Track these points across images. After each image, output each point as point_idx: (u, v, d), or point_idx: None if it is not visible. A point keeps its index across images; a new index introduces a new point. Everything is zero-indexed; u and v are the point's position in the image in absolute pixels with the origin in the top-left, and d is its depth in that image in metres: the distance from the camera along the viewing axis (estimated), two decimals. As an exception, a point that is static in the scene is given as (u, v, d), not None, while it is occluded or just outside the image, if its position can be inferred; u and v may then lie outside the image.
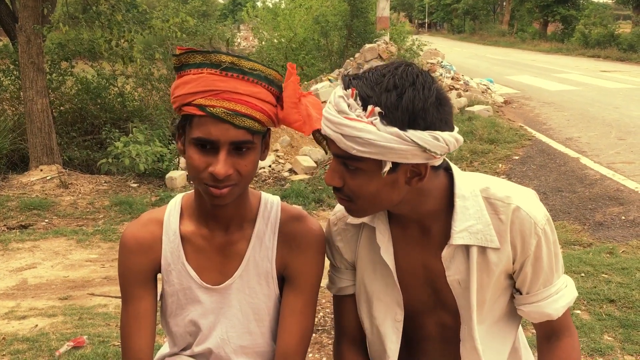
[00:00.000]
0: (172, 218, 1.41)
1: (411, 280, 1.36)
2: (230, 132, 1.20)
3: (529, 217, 1.25)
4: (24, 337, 3.32)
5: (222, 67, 1.20)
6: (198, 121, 1.21)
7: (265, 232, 1.41)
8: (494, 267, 1.28)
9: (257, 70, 1.23)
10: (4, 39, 10.15)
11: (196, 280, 1.40)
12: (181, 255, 1.39)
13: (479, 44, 39.38)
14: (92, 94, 9.98)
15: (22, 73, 7.54)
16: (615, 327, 3.22)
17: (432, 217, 1.29)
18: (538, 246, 1.26)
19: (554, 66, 21.29)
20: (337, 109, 1.14)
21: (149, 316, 1.40)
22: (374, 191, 1.19)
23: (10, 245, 5.13)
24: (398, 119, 1.11)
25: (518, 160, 7.64)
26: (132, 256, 1.39)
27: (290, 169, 7.44)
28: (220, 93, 1.20)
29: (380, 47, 11.97)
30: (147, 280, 1.40)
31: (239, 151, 1.23)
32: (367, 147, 1.11)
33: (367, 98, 1.12)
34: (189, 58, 1.22)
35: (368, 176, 1.17)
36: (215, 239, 1.39)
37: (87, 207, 6.26)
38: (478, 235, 1.26)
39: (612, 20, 31.35)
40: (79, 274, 4.55)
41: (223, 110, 1.19)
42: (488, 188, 1.29)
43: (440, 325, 1.40)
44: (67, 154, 8.51)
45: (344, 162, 1.19)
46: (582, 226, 5.21)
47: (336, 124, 1.13)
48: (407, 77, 1.13)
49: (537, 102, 12.54)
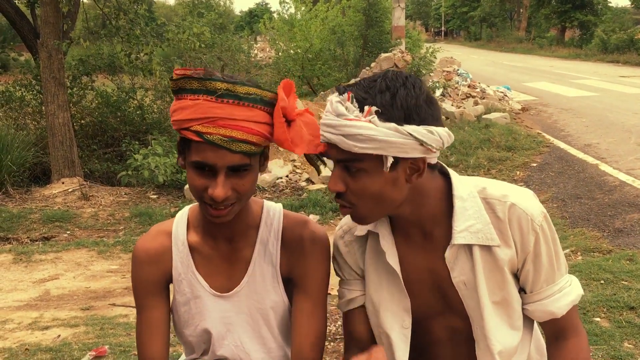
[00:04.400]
0: (180, 229, 1.46)
1: (417, 285, 1.38)
2: (227, 158, 1.23)
3: (525, 214, 1.28)
4: (47, 347, 3.37)
5: (218, 94, 1.22)
6: (196, 146, 1.25)
7: (268, 238, 1.45)
8: (503, 263, 1.30)
9: (252, 94, 1.24)
10: (26, 54, 10.36)
11: (206, 289, 1.44)
12: (191, 264, 1.44)
13: (496, 51, 39.20)
14: (112, 107, 10.12)
15: (43, 88, 7.69)
16: (635, 334, 3.18)
17: (433, 220, 1.32)
18: (537, 242, 1.29)
19: (572, 72, 21.12)
20: (335, 113, 1.19)
21: (162, 324, 1.44)
22: (377, 191, 1.22)
23: (33, 257, 5.22)
24: (394, 116, 1.17)
25: (536, 168, 7.59)
26: (143, 267, 1.44)
27: (307, 178, 7.47)
28: (217, 120, 1.22)
29: (396, 56, 11.98)
30: (159, 290, 1.45)
31: (237, 173, 1.27)
32: (369, 143, 1.16)
33: (363, 100, 1.18)
34: (186, 83, 1.24)
35: (370, 176, 1.21)
36: (221, 247, 1.44)
37: (107, 219, 6.35)
38: (479, 234, 1.29)
39: (631, 24, 31.04)
40: (100, 284, 4.62)
41: (219, 137, 1.22)
42: (485, 188, 1.32)
43: (450, 329, 1.41)
44: (88, 167, 8.64)
45: (345, 166, 1.23)
46: (601, 233, 5.16)
47: (336, 126, 1.18)
48: (397, 79, 1.20)
49: (555, 109, 12.45)
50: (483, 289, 1.31)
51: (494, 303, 1.32)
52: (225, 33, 15.89)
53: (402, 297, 1.39)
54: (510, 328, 1.35)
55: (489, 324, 1.32)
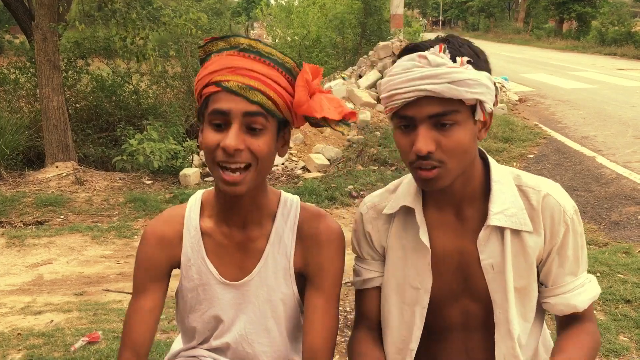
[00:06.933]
0: (193, 214, 1.43)
1: (443, 266, 1.38)
2: (243, 104, 1.22)
3: (559, 205, 1.31)
4: (40, 332, 3.35)
5: (240, 48, 1.25)
6: (213, 97, 1.24)
7: (284, 229, 1.41)
8: (531, 250, 1.31)
9: (274, 55, 1.26)
10: (21, 36, 10.26)
11: (215, 276, 1.41)
12: (201, 250, 1.41)
13: (493, 41, 39.05)
14: (107, 92, 10.03)
15: (38, 70, 7.61)
16: (631, 327, 3.18)
17: (470, 200, 1.34)
18: (566, 234, 1.31)
19: (569, 64, 21.09)
20: (434, 63, 1.20)
21: (155, 311, 1.41)
22: (468, 144, 1.24)
23: (26, 241, 5.19)
24: (482, 66, 1.24)
25: (533, 159, 7.59)
26: (151, 250, 1.41)
27: (303, 166, 7.44)
28: (236, 69, 1.23)
29: (394, 44, 11.90)
30: (162, 276, 1.42)
31: (252, 131, 1.24)
32: (478, 87, 1.20)
33: (453, 52, 1.22)
34: (212, 46, 1.28)
35: (464, 128, 1.23)
36: (234, 235, 1.40)
37: (102, 204, 6.31)
38: (513, 218, 1.30)
39: (629, 17, 30.97)
40: (93, 270, 4.59)
41: (237, 84, 1.22)
42: (519, 176, 1.36)
43: (465, 314, 1.41)
44: (82, 151, 8.57)
45: (436, 123, 1.22)
46: (597, 226, 5.17)
47: (439, 75, 1.18)
48: (461, 39, 1.28)
49: (553, 101, 12.44)
50: (510, 273, 1.32)
51: (516, 289, 1.33)
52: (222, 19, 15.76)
53: (426, 276, 1.38)
54: (522, 318, 1.36)
55: (512, 308, 1.33)
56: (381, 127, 8.23)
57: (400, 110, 1.24)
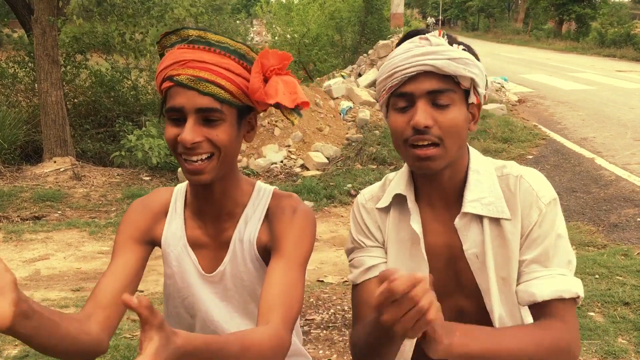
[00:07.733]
0: (179, 202, 1.45)
1: (435, 259, 1.38)
2: (196, 99, 1.22)
3: (532, 189, 1.31)
4: (36, 328, 3.33)
5: (189, 41, 1.26)
6: (169, 94, 1.26)
7: (252, 216, 1.40)
8: (511, 237, 1.30)
9: (224, 43, 1.27)
10: (20, 30, 10.21)
11: (195, 266, 1.41)
12: (183, 236, 1.41)
13: (493, 42, 39.10)
14: (105, 87, 10.01)
15: (37, 65, 7.58)
16: (629, 329, 3.18)
17: (456, 193, 1.35)
18: (538, 221, 1.29)
19: (569, 65, 21.10)
20: (435, 43, 1.26)
21: (126, 268, 1.35)
22: (462, 125, 1.28)
23: (23, 236, 5.17)
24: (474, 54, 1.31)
25: (532, 160, 7.59)
26: (135, 215, 1.44)
27: (302, 164, 7.43)
28: (186, 62, 1.24)
29: (394, 43, 11.91)
30: (140, 240, 1.41)
31: (208, 122, 1.25)
32: (473, 68, 1.26)
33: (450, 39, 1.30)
34: (166, 41, 1.30)
35: (458, 109, 1.27)
36: (208, 226, 1.41)
37: (99, 200, 6.29)
38: (490, 207, 1.32)
39: (628, 19, 31.02)
40: (91, 265, 4.58)
41: (187, 77, 1.22)
42: (504, 166, 1.38)
43: (458, 311, 1.39)
44: (80, 146, 8.55)
45: (434, 100, 1.25)
46: (596, 227, 5.16)
47: (440, 52, 1.25)
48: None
49: (552, 102, 12.44)
50: (490, 261, 1.32)
51: (500, 279, 1.33)
52: (221, 15, 15.72)
53: (422, 263, 1.38)
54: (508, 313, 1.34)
55: (494, 296, 1.33)
56: (380, 126, 8.22)
57: (399, 88, 1.27)
